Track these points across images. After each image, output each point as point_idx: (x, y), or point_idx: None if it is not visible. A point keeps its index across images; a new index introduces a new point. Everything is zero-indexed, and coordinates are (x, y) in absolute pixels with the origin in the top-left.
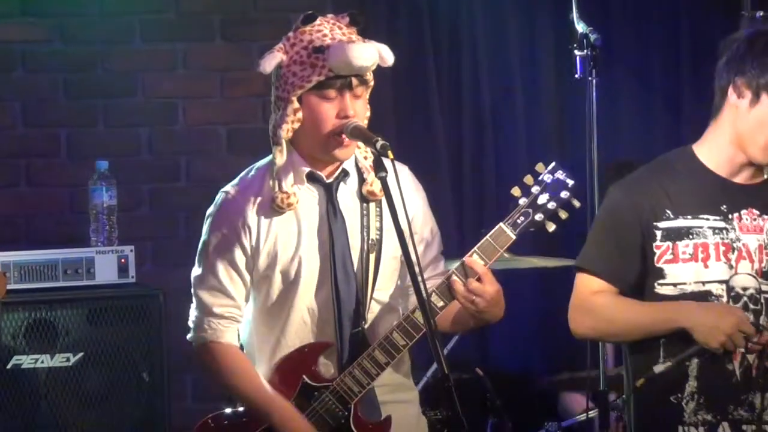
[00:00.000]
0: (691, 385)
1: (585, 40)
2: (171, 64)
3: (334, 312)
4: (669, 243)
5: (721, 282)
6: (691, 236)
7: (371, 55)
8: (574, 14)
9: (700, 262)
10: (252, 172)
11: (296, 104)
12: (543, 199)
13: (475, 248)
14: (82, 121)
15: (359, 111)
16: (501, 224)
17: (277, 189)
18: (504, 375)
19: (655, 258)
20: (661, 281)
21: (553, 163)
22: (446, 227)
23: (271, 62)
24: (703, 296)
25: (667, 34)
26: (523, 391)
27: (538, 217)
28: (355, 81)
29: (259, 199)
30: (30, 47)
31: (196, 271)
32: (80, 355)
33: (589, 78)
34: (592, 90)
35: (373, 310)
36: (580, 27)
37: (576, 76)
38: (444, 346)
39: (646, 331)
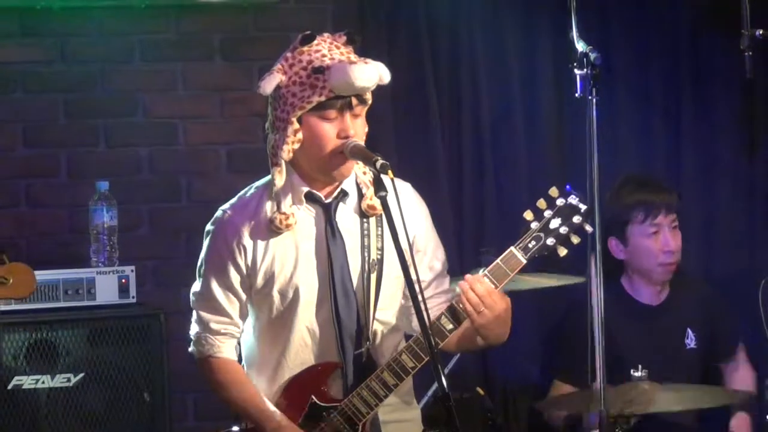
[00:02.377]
0: None
1: (585, 59)
2: (171, 84)
3: (336, 333)
4: None
5: None
6: None
7: (373, 75)
8: (574, 33)
9: None
10: (251, 191)
11: (296, 125)
12: (555, 223)
13: (486, 271)
14: (82, 142)
15: (358, 130)
16: (512, 248)
17: (275, 210)
18: (505, 394)
19: None
20: None
21: (567, 188)
22: (446, 245)
23: (271, 83)
24: None
25: (667, 52)
26: (524, 410)
27: (550, 241)
28: (354, 101)
29: (256, 219)
30: (29, 68)
31: (195, 287)
32: (81, 375)
33: (589, 97)
34: (592, 109)
35: (376, 330)
36: (580, 46)
37: (576, 95)
38: (445, 366)
39: None
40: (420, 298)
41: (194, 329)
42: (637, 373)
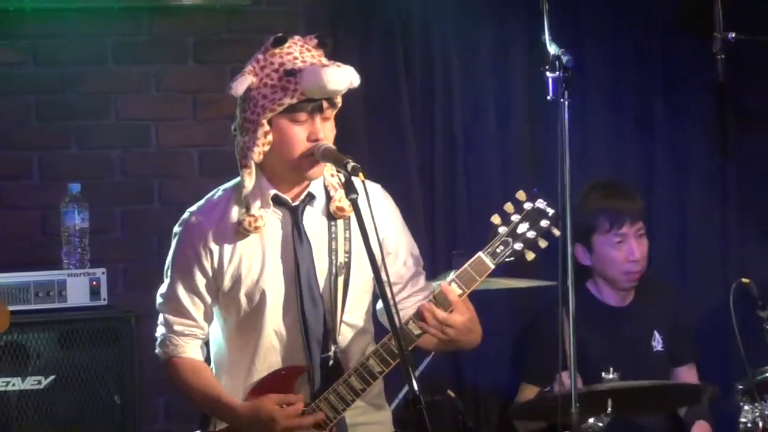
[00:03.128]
0: None
1: (557, 62)
2: (144, 86)
3: (302, 336)
4: None
5: None
6: None
7: (345, 78)
8: (546, 36)
9: None
10: (218, 194)
11: (266, 127)
12: (523, 228)
13: (454, 277)
14: (54, 144)
15: (328, 133)
16: (480, 253)
17: (244, 212)
18: (476, 397)
19: None
20: None
21: (534, 191)
22: (418, 248)
23: (242, 85)
24: None
25: (640, 55)
26: (495, 413)
27: (518, 246)
28: (325, 104)
29: (223, 222)
30: (2, 69)
31: (161, 288)
32: (52, 378)
33: (561, 100)
34: (564, 112)
35: (343, 334)
36: (552, 49)
37: (548, 97)
38: (416, 368)
39: None
40: (391, 302)
41: (159, 331)
42: (609, 375)
